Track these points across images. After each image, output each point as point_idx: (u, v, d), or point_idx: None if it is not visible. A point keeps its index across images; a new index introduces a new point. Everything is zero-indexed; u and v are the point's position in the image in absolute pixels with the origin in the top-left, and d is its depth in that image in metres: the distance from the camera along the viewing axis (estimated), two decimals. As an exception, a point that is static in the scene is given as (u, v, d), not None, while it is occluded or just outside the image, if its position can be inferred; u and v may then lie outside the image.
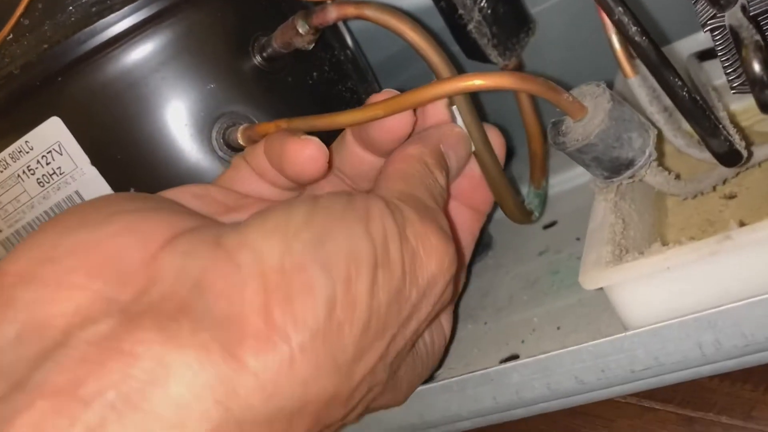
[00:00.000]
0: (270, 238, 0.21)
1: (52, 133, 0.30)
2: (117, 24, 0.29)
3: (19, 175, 0.31)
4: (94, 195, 0.31)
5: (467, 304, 0.36)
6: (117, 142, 0.30)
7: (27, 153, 0.30)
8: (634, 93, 0.31)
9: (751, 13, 0.23)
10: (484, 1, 0.34)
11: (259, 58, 0.32)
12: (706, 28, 0.24)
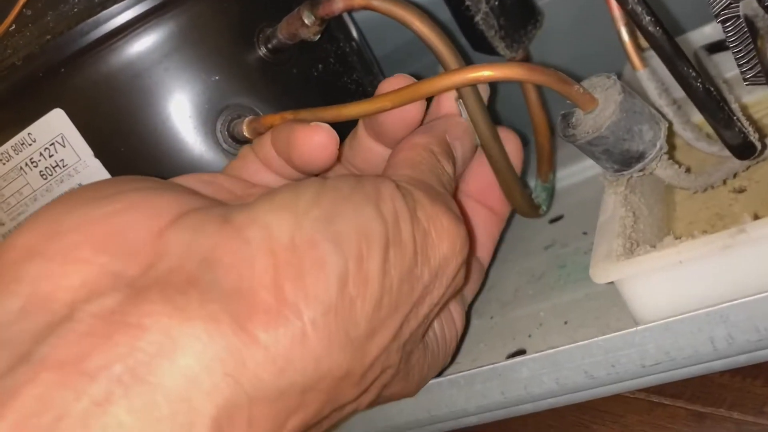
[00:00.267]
0: (279, 214, 0.21)
1: (55, 125, 0.30)
2: (120, 15, 0.29)
3: (21, 168, 0.31)
4: (97, 188, 0.30)
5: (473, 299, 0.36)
6: (120, 134, 0.30)
7: (30, 145, 0.30)
8: (642, 85, 0.30)
9: (767, 3, 0.22)
10: (491, -7, 0.34)
11: (264, 50, 0.31)
12: (720, 19, 0.24)
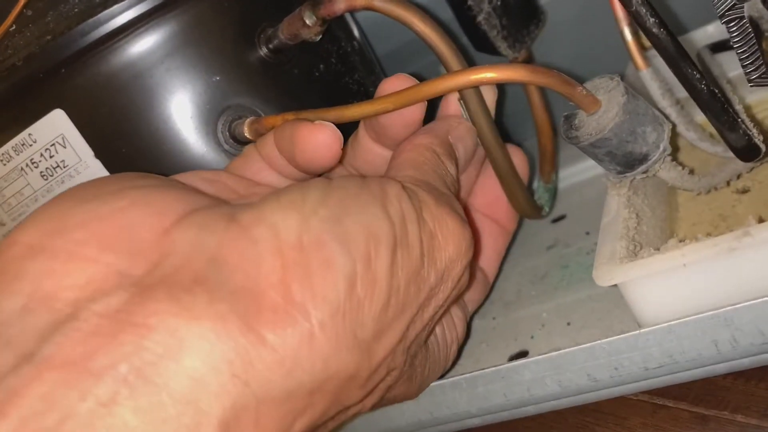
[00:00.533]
0: (286, 214, 0.21)
1: (56, 125, 0.30)
2: (121, 15, 0.29)
3: (22, 168, 0.31)
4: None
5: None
6: (121, 134, 0.30)
7: (30, 146, 0.30)
8: (645, 85, 0.30)
9: (771, 5, 0.22)
10: (493, -8, 0.34)
11: (265, 50, 0.31)
12: (724, 19, 0.24)
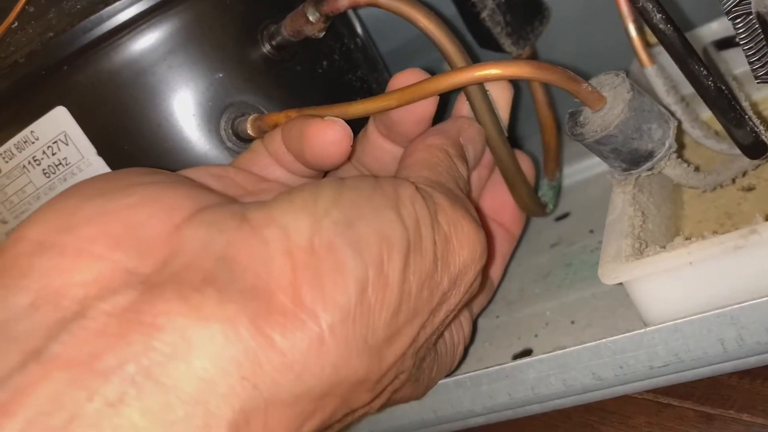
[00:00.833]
0: (298, 215, 0.20)
1: (58, 123, 0.29)
2: (123, 11, 0.28)
3: (24, 166, 0.30)
4: (100, 186, 0.30)
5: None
6: (124, 132, 0.30)
7: (32, 143, 0.30)
8: (650, 82, 0.30)
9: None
10: (497, -11, 0.34)
11: (268, 47, 0.31)
12: (731, 15, 0.23)
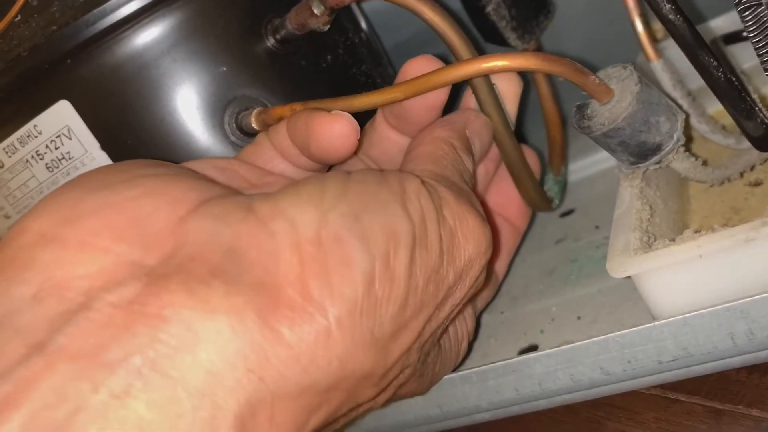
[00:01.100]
0: (304, 208, 0.20)
1: (61, 117, 0.29)
2: (127, 5, 0.28)
3: (27, 160, 0.30)
4: (104, 181, 0.30)
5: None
6: (127, 126, 0.30)
7: (36, 137, 0.30)
8: (656, 77, 0.30)
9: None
10: (503, -17, 0.34)
11: (272, 41, 0.31)
12: (740, 8, 0.23)
